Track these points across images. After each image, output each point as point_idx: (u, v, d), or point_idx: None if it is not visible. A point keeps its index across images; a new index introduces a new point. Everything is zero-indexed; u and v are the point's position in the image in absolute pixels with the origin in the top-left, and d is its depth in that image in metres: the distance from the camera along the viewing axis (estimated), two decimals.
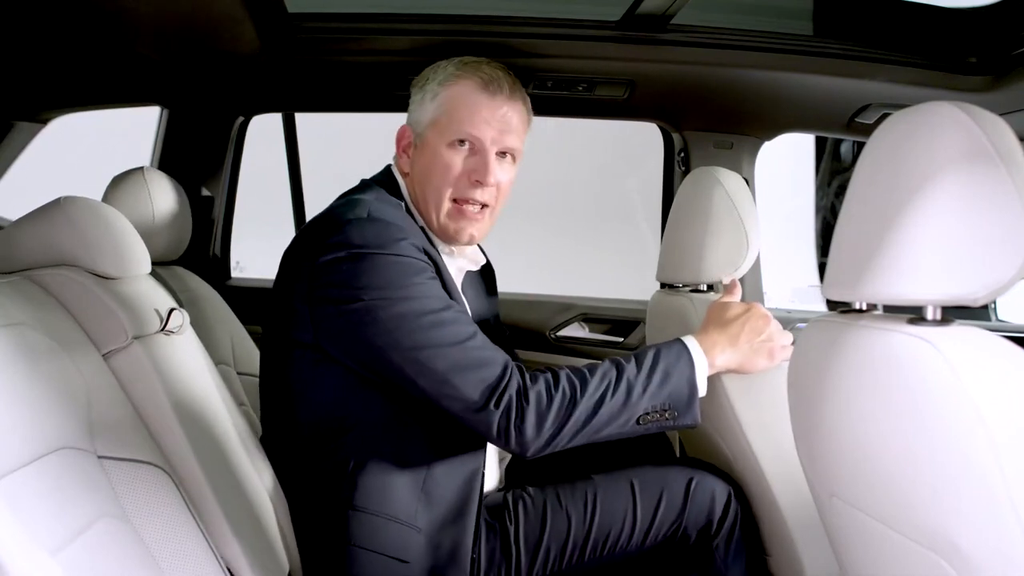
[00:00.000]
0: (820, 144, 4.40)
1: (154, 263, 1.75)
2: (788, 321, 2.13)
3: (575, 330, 2.23)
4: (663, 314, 1.67)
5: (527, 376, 1.17)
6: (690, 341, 1.25)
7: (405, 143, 1.35)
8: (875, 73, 1.75)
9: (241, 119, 2.20)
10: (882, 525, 0.86)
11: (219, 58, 1.79)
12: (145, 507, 1.06)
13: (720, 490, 1.31)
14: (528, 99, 1.37)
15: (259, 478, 1.29)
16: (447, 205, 1.30)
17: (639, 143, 2.76)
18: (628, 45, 1.74)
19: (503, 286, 2.41)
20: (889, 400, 0.81)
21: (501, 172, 1.30)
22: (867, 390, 0.85)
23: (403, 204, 1.31)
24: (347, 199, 1.27)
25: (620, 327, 2.22)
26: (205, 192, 2.19)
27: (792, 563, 1.40)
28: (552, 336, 2.22)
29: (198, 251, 2.19)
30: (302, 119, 2.45)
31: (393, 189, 1.33)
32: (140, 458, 1.09)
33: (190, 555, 1.07)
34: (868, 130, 1.84)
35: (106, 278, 1.25)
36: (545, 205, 3.93)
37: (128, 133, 2.49)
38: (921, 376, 0.77)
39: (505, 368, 1.16)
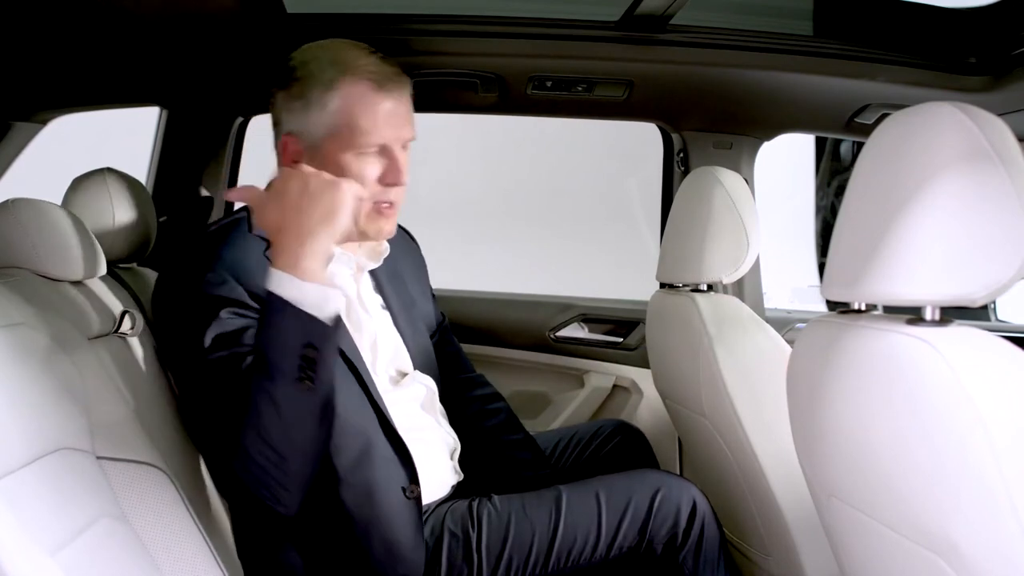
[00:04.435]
0: (820, 144, 4.39)
1: (118, 264, 1.76)
2: (788, 321, 2.14)
3: (575, 330, 2.23)
4: (663, 314, 1.67)
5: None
6: (272, 278, 1.06)
7: (292, 153, 1.26)
8: (875, 73, 1.75)
9: (241, 119, 2.20)
10: (881, 525, 0.86)
11: (218, 58, 1.79)
12: (144, 507, 1.06)
13: (686, 502, 1.27)
14: (408, 79, 1.29)
15: (207, 483, 1.29)
16: (365, 209, 1.24)
17: (638, 143, 2.76)
18: (627, 45, 1.74)
19: (502, 286, 2.42)
20: (888, 400, 0.81)
21: (405, 163, 1.26)
22: (866, 390, 0.85)
23: (252, 225, 1.24)
24: (202, 235, 1.26)
25: (620, 327, 2.22)
26: (205, 192, 2.19)
27: (792, 563, 1.40)
28: (551, 336, 2.22)
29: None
30: None
31: None
32: (139, 459, 1.09)
33: (188, 555, 1.07)
34: (867, 130, 1.83)
35: (56, 280, 1.26)
36: (544, 206, 3.93)
37: (128, 133, 2.49)
38: (920, 376, 0.77)
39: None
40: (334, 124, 1.22)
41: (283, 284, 1.05)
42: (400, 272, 1.43)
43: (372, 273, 1.39)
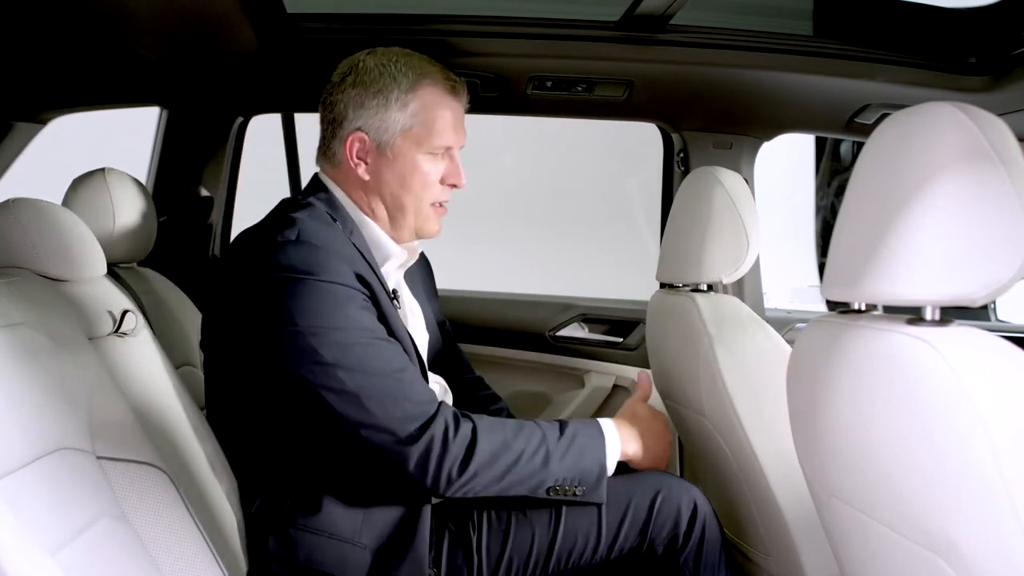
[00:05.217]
0: (820, 144, 4.40)
1: (118, 264, 1.76)
2: (788, 321, 2.14)
3: (575, 330, 2.23)
4: (663, 314, 1.67)
5: (458, 416, 1.16)
6: (608, 426, 1.27)
7: (359, 151, 1.29)
8: (875, 73, 1.75)
9: (241, 119, 2.20)
10: (881, 525, 0.86)
11: (218, 58, 1.79)
12: (143, 507, 1.06)
13: (686, 504, 1.28)
14: None
15: (213, 482, 1.29)
16: (427, 206, 1.31)
17: (638, 143, 2.76)
18: (627, 45, 1.74)
19: (502, 286, 2.42)
20: (888, 400, 0.81)
21: None
22: (866, 390, 0.85)
23: (335, 219, 1.27)
24: (278, 215, 1.25)
25: (620, 327, 2.22)
26: (205, 192, 2.19)
27: (792, 563, 1.40)
28: (551, 336, 2.22)
29: (198, 251, 2.19)
30: (301, 119, 2.45)
31: (328, 199, 1.30)
32: (139, 459, 1.09)
33: (188, 555, 1.07)
34: (867, 130, 1.84)
35: (56, 280, 1.26)
36: (544, 206, 3.94)
37: (128, 133, 2.49)
38: (920, 376, 0.77)
39: (432, 404, 1.15)
40: (411, 124, 1.28)
41: (614, 447, 1.26)
42: (412, 272, 1.45)
43: None
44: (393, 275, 1.35)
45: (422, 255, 1.54)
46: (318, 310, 1.12)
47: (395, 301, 1.28)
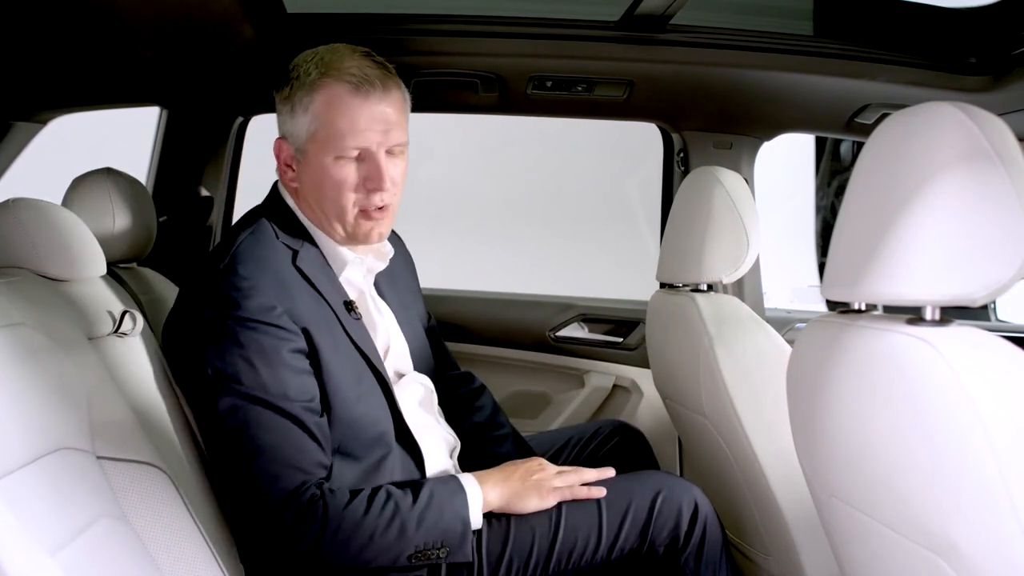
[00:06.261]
0: (820, 144, 4.40)
1: (118, 264, 1.76)
2: (788, 321, 2.14)
3: (575, 330, 2.23)
4: (663, 314, 1.67)
5: (314, 499, 1.15)
6: (467, 479, 1.24)
7: (286, 157, 1.28)
8: (875, 73, 1.75)
9: (240, 119, 2.20)
10: (881, 525, 0.86)
11: (218, 58, 1.79)
12: (144, 507, 1.06)
13: (687, 504, 1.27)
14: (401, 82, 1.28)
15: (206, 481, 1.29)
16: (352, 213, 1.25)
17: (639, 143, 2.76)
18: (627, 45, 1.74)
19: (502, 286, 2.42)
20: (888, 400, 0.81)
21: (394, 169, 1.25)
22: (866, 390, 0.85)
23: (277, 231, 1.27)
24: (226, 238, 1.27)
25: (620, 327, 2.22)
26: (205, 192, 2.19)
27: (792, 563, 1.40)
28: (551, 336, 2.22)
29: (198, 251, 2.19)
30: None
31: (282, 211, 1.30)
32: (139, 459, 1.09)
33: (188, 555, 1.07)
34: (867, 130, 1.84)
35: (56, 280, 1.26)
36: (544, 206, 3.93)
37: (128, 133, 2.49)
38: (920, 376, 0.77)
39: (294, 483, 1.14)
40: (314, 127, 1.23)
41: (476, 499, 1.21)
42: (395, 273, 1.43)
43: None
44: (360, 281, 1.34)
45: (405, 252, 1.53)
46: (227, 357, 1.15)
47: (352, 312, 1.26)
